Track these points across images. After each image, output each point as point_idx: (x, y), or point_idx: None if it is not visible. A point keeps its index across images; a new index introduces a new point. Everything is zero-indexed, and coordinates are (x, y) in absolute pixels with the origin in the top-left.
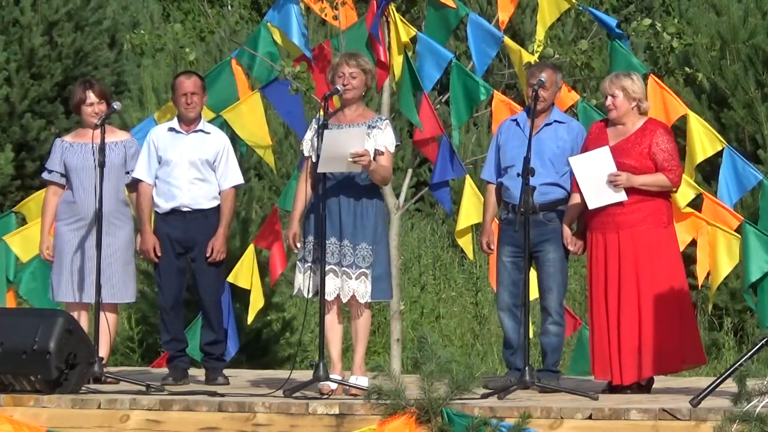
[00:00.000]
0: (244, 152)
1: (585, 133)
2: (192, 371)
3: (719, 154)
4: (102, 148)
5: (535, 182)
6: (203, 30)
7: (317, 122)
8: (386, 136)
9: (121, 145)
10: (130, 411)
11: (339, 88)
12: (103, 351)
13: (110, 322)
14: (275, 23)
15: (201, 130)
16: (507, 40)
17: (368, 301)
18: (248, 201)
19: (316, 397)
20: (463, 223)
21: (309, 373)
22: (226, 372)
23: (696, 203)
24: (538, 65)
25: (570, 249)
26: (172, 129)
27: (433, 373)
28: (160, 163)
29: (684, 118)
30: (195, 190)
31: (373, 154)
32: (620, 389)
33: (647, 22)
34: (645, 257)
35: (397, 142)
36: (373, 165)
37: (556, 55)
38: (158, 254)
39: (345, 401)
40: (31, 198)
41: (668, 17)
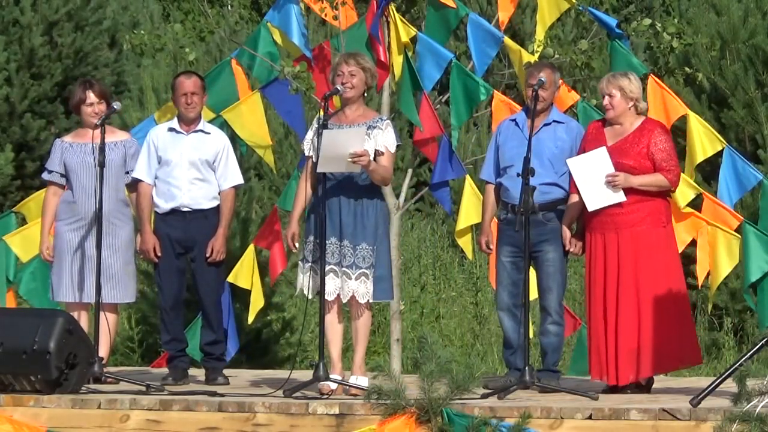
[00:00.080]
0: (244, 152)
1: (584, 133)
2: (192, 371)
3: (719, 154)
4: (102, 148)
5: (534, 182)
6: (203, 30)
7: (318, 122)
8: (387, 136)
9: (120, 145)
10: (130, 411)
11: (339, 88)
12: (103, 351)
13: (110, 322)
14: (275, 23)
15: (201, 130)
16: (507, 40)
17: (368, 301)
18: (248, 201)
19: (316, 397)
20: (462, 223)
21: (309, 373)
22: (226, 372)
23: (696, 203)
24: (536, 65)
25: (569, 250)
26: (172, 129)
27: (433, 373)
28: (159, 163)
29: (684, 118)
30: (195, 190)
31: (374, 154)
32: (619, 389)
33: (647, 22)
34: (644, 257)
35: (398, 142)
36: (373, 165)
37: (556, 55)
38: (158, 254)
39: (345, 401)
40: (31, 198)
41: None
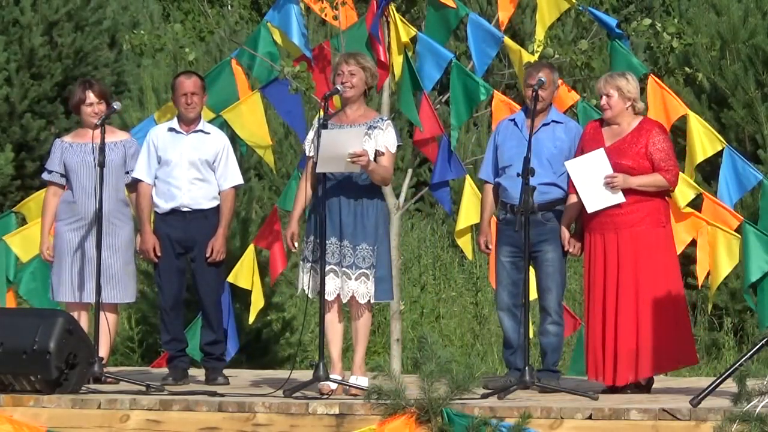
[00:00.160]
0: (244, 152)
1: (582, 133)
2: (192, 371)
3: (719, 154)
4: (102, 148)
5: (533, 182)
6: (203, 30)
7: (319, 122)
8: (387, 137)
9: (120, 145)
10: (130, 411)
11: (339, 88)
12: (103, 351)
13: (110, 322)
14: (275, 23)
15: (201, 131)
16: (507, 40)
17: (368, 301)
18: (248, 201)
19: (316, 397)
20: (462, 223)
21: (309, 373)
22: (226, 372)
23: (696, 203)
24: (535, 65)
25: (568, 251)
26: (171, 129)
27: (433, 373)
28: (159, 163)
29: (684, 118)
30: (195, 191)
31: (374, 155)
32: (619, 389)
33: (647, 22)
34: (644, 257)
35: (398, 143)
36: (372, 165)
37: (556, 55)
38: (158, 254)
39: (345, 401)
40: (31, 198)
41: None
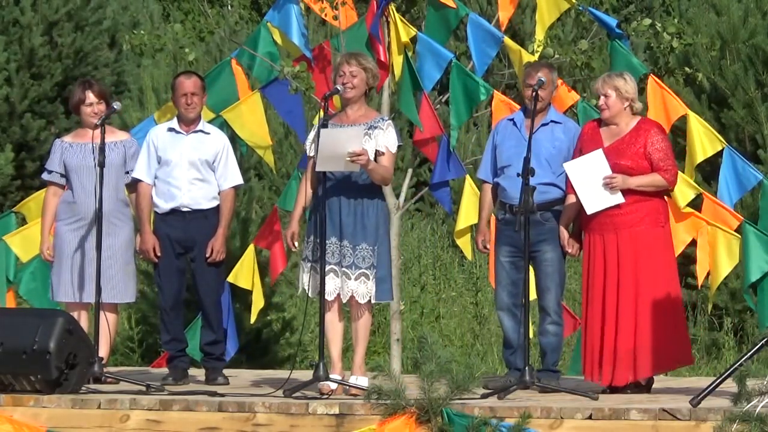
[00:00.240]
0: (244, 152)
1: (580, 133)
2: (192, 371)
3: (719, 154)
4: (102, 148)
5: (532, 182)
6: (203, 30)
7: (320, 122)
8: (387, 136)
9: (120, 145)
10: (130, 411)
11: (339, 88)
12: (103, 351)
13: (110, 322)
14: (275, 23)
15: (201, 131)
16: (507, 40)
17: (368, 301)
18: (248, 201)
19: (316, 397)
20: (462, 223)
21: (309, 373)
22: (226, 372)
23: (696, 203)
24: (534, 65)
25: (567, 251)
26: (171, 129)
27: (433, 373)
28: (159, 163)
29: (684, 118)
30: (195, 191)
31: (374, 154)
32: (619, 389)
33: (647, 22)
34: (644, 257)
35: (399, 143)
36: (372, 164)
37: (556, 55)
38: (158, 254)
39: (345, 401)
40: (31, 198)
41: (668, 17)
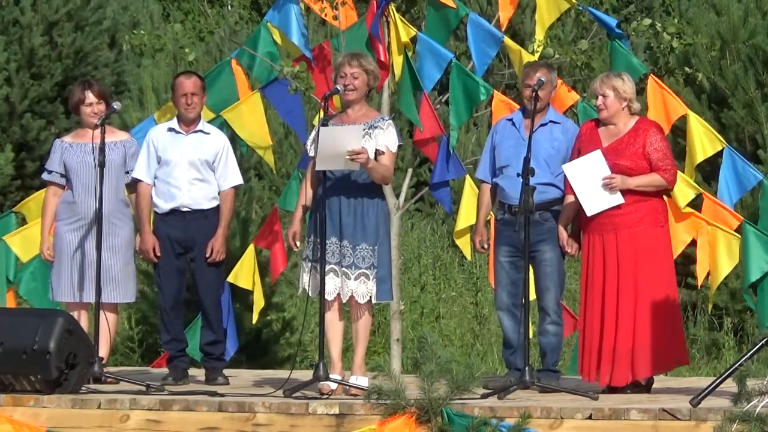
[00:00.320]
0: (244, 152)
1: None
2: (192, 371)
3: (719, 154)
4: (102, 148)
5: (530, 182)
6: (203, 30)
7: (320, 122)
8: (387, 136)
9: (120, 145)
10: (130, 411)
11: (339, 88)
12: (103, 351)
13: (110, 322)
14: (275, 23)
15: (200, 131)
16: (507, 40)
17: (368, 301)
18: (248, 201)
19: (316, 397)
20: (462, 223)
21: (309, 373)
22: (226, 372)
23: (696, 203)
24: (532, 65)
25: (567, 251)
26: (171, 129)
27: (433, 373)
28: (159, 164)
29: (684, 118)
30: (195, 191)
31: (374, 154)
32: (619, 389)
33: (647, 22)
34: (644, 257)
35: (399, 142)
36: (372, 163)
37: (556, 55)
38: (158, 254)
39: (345, 401)
40: (31, 198)
41: (668, 17)
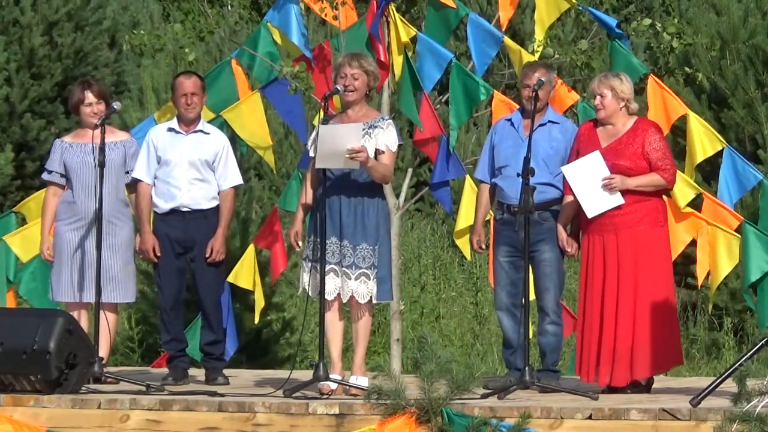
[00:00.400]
0: (244, 152)
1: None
2: (192, 371)
3: (719, 154)
4: (102, 148)
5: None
6: (203, 30)
7: (320, 123)
8: (387, 135)
9: (120, 145)
10: (130, 411)
11: (339, 88)
12: (103, 351)
13: (110, 322)
14: (275, 23)
15: (200, 131)
16: (507, 40)
17: (369, 301)
18: (248, 201)
19: (316, 397)
20: (462, 224)
21: (309, 373)
22: (226, 372)
23: (696, 203)
24: (531, 65)
25: (566, 251)
26: (171, 129)
27: (433, 373)
28: (159, 163)
29: (684, 118)
30: (194, 191)
31: (374, 153)
32: (619, 389)
33: (647, 22)
34: (644, 257)
35: (399, 142)
36: (372, 162)
37: (556, 55)
38: (157, 254)
39: (345, 401)
40: (31, 198)
41: (668, 17)
